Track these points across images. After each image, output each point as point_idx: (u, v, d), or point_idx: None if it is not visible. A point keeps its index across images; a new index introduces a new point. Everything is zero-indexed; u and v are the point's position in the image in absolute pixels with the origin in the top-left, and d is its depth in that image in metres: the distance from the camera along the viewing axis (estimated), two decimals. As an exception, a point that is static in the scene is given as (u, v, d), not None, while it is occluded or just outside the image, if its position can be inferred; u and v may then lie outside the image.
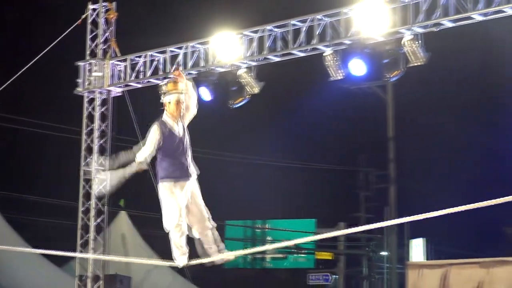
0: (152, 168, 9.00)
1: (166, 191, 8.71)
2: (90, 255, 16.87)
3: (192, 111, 8.97)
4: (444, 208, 7.54)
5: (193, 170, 8.77)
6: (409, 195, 33.05)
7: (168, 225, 8.77)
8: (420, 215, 7.89)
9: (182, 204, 8.66)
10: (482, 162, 35.10)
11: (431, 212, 7.73)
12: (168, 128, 8.77)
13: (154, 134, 8.70)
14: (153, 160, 8.74)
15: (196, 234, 8.87)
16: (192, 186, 8.78)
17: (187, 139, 8.89)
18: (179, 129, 8.85)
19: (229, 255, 9.01)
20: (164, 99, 8.93)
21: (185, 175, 8.71)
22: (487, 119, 34.95)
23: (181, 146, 8.80)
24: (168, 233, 8.87)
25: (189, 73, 16.32)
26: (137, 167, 8.69)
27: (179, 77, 8.91)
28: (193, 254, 9.03)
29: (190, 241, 8.92)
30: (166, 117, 8.85)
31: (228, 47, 15.76)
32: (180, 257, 8.89)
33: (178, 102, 8.85)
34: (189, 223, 8.78)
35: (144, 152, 8.68)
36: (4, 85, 16.88)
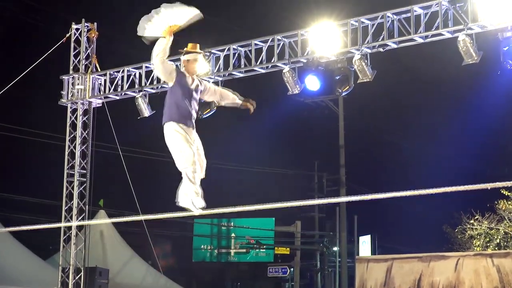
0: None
1: (177, 132, 8.39)
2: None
3: (217, 99, 9.02)
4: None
5: (193, 122, 8.56)
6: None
7: (183, 163, 8.45)
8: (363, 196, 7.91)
9: (189, 142, 8.41)
10: (422, 168, 35.36)
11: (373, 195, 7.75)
12: (183, 78, 8.53)
13: (173, 68, 8.51)
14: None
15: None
16: (195, 135, 8.61)
17: (196, 97, 8.64)
18: (193, 84, 8.60)
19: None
20: (184, 57, 8.66)
21: (192, 124, 8.50)
22: (426, 129, 35.24)
23: (190, 98, 8.54)
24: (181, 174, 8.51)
25: (162, 87, 16.30)
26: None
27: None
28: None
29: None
30: (183, 70, 8.62)
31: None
32: (196, 199, 8.59)
33: (195, 61, 8.65)
34: None
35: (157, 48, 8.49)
36: (-5, 96, 16.75)
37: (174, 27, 8.50)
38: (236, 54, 15.35)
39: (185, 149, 8.42)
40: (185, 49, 8.74)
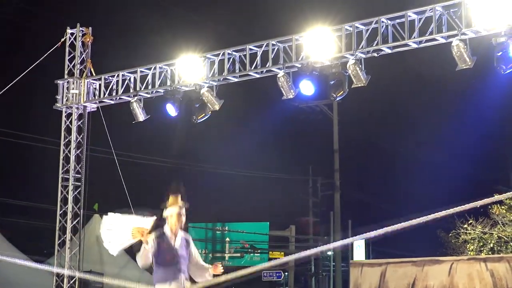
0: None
1: None
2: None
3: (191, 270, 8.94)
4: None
5: (187, 281, 8.64)
6: (351, 201, 33.21)
7: None
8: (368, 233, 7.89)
9: None
10: (414, 173, 35.40)
11: (377, 231, 7.73)
12: (166, 240, 8.53)
13: (147, 248, 8.53)
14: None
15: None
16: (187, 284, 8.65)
17: (183, 253, 8.67)
18: (178, 241, 8.60)
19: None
20: (165, 213, 8.60)
21: (179, 277, 8.55)
22: (420, 134, 35.28)
23: (176, 258, 8.57)
24: None
25: (157, 91, 16.30)
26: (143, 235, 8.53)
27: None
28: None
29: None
30: (166, 229, 8.56)
31: (192, 68, 15.72)
32: None
33: (179, 215, 8.57)
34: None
35: (141, 259, 8.64)
36: (-10, 100, 16.73)
37: (140, 229, 8.56)
38: (231, 59, 15.33)
39: None
40: (166, 203, 8.65)
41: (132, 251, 22.72)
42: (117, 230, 8.71)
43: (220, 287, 9.11)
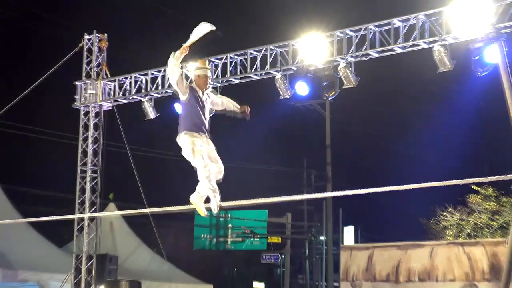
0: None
1: (189, 138, 8.33)
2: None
3: (222, 108, 8.93)
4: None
5: (208, 131, 8.54)
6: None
7: (198, 164, 8.35)
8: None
9: (202, 149, 8.33)
10: (398, 165, 35.41)
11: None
12: (195, 92, 8.46)
13: (185, 82, 8.43)
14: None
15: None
16: (209, 142, 8.52)
17: (208, 108, 8.60)
18: (204, 97, 8.54)
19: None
20: (195, 72, 8.61)
21: (205, 133, 8.44)
22: (406, 130, 35.26)
23: (203, 110, 8.48)
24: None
25: (166, 92, 16.26)
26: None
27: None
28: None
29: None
30: (194, 86, 8.54)
31: (198, 71, 15.67)
32: (213, 199, 8.52)
33: (205, 77, 8.58)
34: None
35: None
36: (15, 100, 16.68)
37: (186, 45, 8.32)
38: (233, 62, 15.32)
39: (198, 154, 8.33)
40: (196, 64, 8.66)
41: (142, 235, 22.52)
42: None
43: None
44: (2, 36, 32.70)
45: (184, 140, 8.38)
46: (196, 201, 8.63)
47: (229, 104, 8.97)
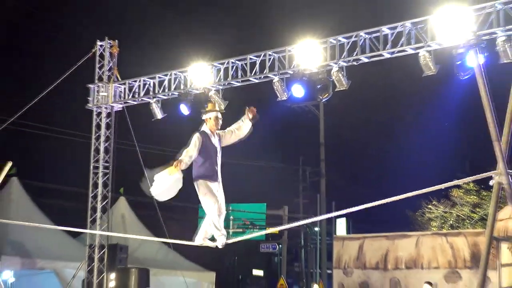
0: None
1: (204, 186, 8.40)
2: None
3: (238, 136, 8.86)
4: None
5: (220, 175, 8.58)
6: (335, 186, 33.19)
7: (209, 210, 8.45)
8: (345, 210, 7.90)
9: (215, 196, 8.42)
10: (387, 162, 35.42)
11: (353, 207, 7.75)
12: (207, 137, 8.49)
13: (196, 141, 8.37)
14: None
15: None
16: (219, 187, 8.58)
17: (219, 150, 8.63)
18: (215, 140, 8.58)
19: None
20: (206, 116, 8.62)
21: (216, 178, 8.51)
22: (394, 129, 35.28)
23: (215, 155, 8.54)
24: (205, 218, 8.60)
25: (172, 94, 16.27)
26: (175, 165, 8.13)
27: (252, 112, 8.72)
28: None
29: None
30: (205, 129, 8.56)
31: (201, 74, 15.70)
32: (220, 237, 8.60)
33: (216, 119, 8.61)
34: None
35: (188, 153, 8.30)
36: (33, 101, 16.69)
37: (171, 164, 8.28)
38: (234, 67, 15.32)
39: (211, 201, 8.41)
40: (206, 109, 8.77)
41: (150, 226, 22.49)
42: (162, 184, 8.48)
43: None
44: (24, 43, 32.80)
45: (198, 187, 8.48)
46: (203, 241, 8.73)
47: (239, 126, 8.87)
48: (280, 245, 34.09)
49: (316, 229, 33.71)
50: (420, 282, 16.10)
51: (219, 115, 8.74)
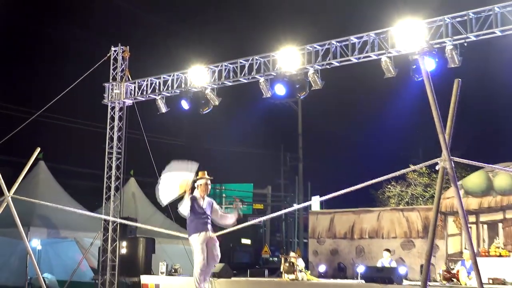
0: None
1: (196, 241, 8.52)
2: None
3: (218, 219, 9.00)
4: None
5: (211, 232, 8.67)
6: (311, 169, 33.24)
7: (196, 266, 8.57)
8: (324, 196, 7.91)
9: (204, 254, 8.51)
10: (356, 149, 35.50)
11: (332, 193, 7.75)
12: (197, 201, 8.59)
13: (188, 203, 8.48)
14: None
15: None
16: (214, 236, 8.67)
17: (208, 211, 8.72)
18: (204, 203, 8.67)
19: None
20: (197, 183, 8.70)
21: (207, 229, 8.59)
22: (361, 121, 35.34)
23: (204, 214, 8.63)
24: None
25: (175, 91, 16.22)
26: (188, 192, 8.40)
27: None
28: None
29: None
30: (197, 193, 8.67)
31: (199, 75, 15.66)
32: None
33: (205, 185, 8.70)
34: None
35: (184, 207, 8.50)
36: (57, 97, 16.57)
37: (186, 183, 8.42)
38: (227, 69, 15.29)
39: (200, 257, 8.52)
40: (197, 177, 8.75)
41: (156, 203, 22.43)
42: (168, 185, 8.59)
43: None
44: (50, 50, 32.60)
45: (192, 241, 8.61)
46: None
47: (225, 216, 9.05)
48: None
49: (295, 205, 33.78)
50: (381, 249, 16.19)
51: (209, 182, 8.77)
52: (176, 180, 8.56)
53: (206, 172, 8.81)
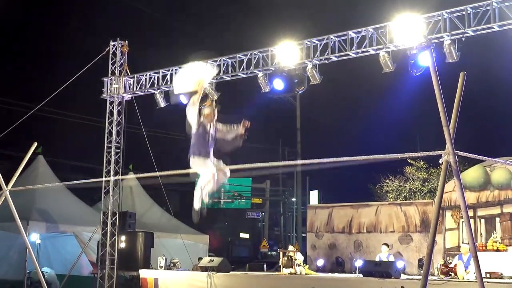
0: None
1: (196, 163, 8.35)
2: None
3: (224, 135, 8.84)
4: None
5: (212, 160, 8.49)
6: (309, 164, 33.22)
7: (200, 181, 8.49)
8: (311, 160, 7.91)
9: (205, 170, 8.40)
10: (353, 143, 35.52)
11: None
12: (203, 123, 8.44)
13: (196, 109, 8.42)
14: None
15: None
16: (214, 161, 8.51)
17: (213, 135, 8.56)
18: (211, 128, 8.50)
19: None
20: (203, 110, 8.57)
21: (208, 155, 8.41)
22: (359, 115, 35.37)
23: (208, 139, 8.44)
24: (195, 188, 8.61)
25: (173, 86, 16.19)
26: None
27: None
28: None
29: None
30: (204, 120, 8.52)
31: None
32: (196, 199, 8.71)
33: (211, 112, 8.57)
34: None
35: (191, 115, 8.39)
36: (56, 92, 16.54)
37: (201, 81, 8.35)
38: (226, 64, 15.28)
39: (200, 174, 8.46)
40: (204, 104, 8.66)
41: (154, 197, 22.36)
42: (185, 77, 8.50)
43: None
44: (50, 44, 32.53)
45: (191, 162, 8.41)
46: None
47: (232, 129, 8.89)
48: (263, 213, 34.23)
49: (293, 199, 33.83)
50: (379, 243, 16.23)
51: (215, 110, 8.73)
52: (193, 75, 8.50)
53: (211, 101, 8.80)
